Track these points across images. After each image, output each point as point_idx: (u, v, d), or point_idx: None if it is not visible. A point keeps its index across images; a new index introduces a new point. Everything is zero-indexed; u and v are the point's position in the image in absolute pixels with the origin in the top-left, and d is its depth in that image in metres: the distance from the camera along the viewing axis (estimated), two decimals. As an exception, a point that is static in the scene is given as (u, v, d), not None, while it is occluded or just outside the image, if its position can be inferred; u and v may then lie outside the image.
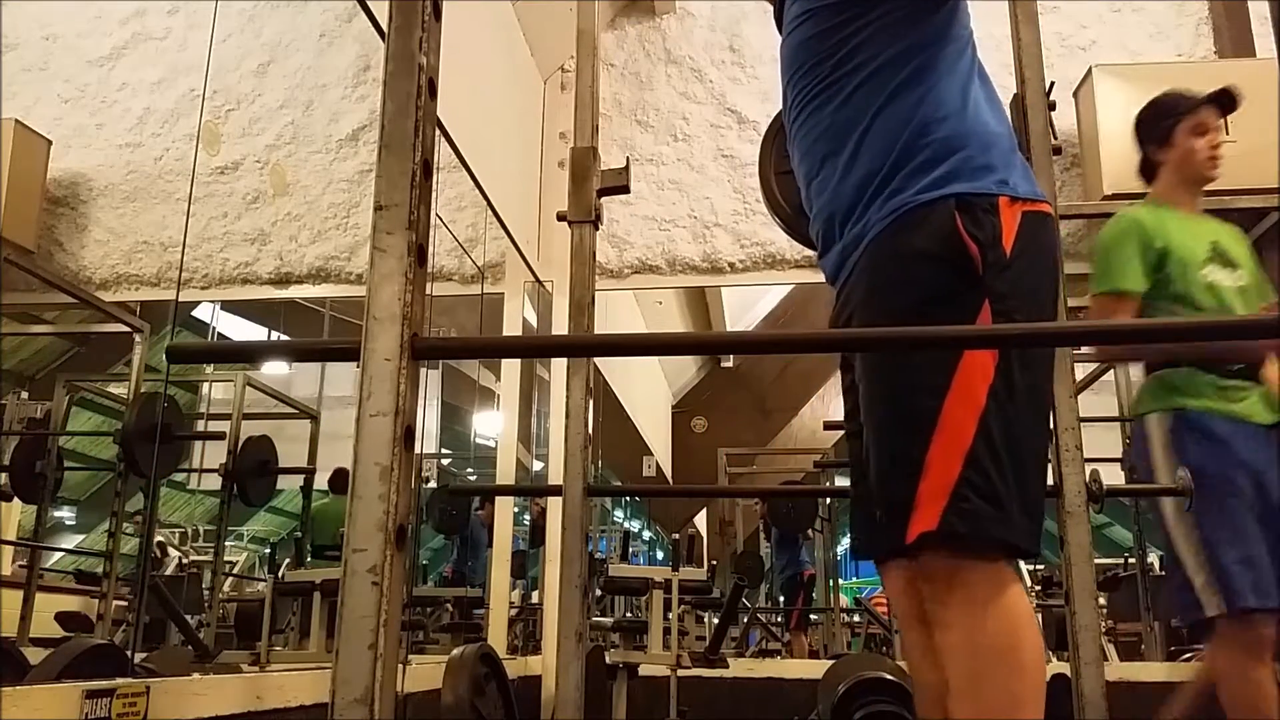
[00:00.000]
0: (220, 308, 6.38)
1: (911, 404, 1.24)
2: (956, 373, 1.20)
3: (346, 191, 4.46)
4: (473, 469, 9.56)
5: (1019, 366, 1.23)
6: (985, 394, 1.19)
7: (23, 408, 4.71)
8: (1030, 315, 1.24)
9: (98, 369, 5.95)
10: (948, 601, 1.23)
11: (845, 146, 1.36)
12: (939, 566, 1.23)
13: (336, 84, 4.51)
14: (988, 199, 1.27)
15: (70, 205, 4.48)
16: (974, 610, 1.20)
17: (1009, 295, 1.23)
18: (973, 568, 1.21)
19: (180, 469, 5.67)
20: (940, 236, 1.25)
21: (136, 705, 1.75)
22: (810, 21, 1.41)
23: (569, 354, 2.23)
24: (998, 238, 1.24)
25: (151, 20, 4.56)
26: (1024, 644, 1.20)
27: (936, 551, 1.22)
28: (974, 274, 1.23)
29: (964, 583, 1.21)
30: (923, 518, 1.20)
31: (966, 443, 1.19)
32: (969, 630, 1.20)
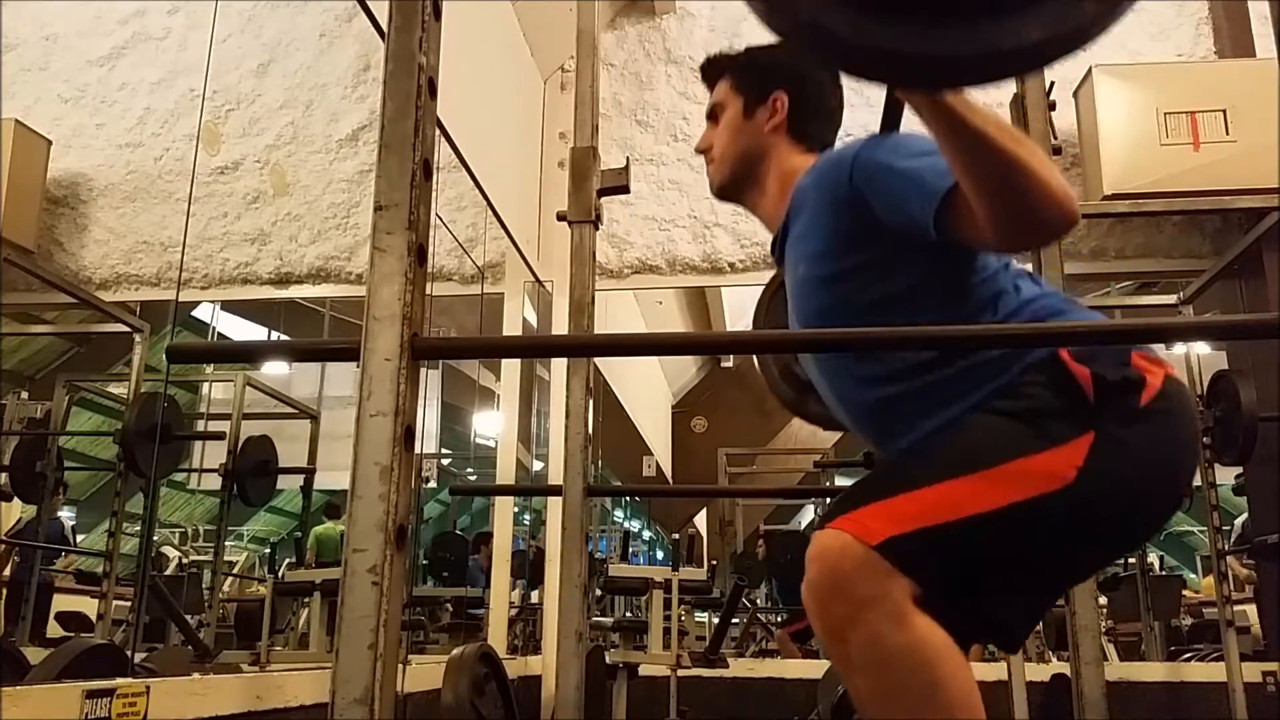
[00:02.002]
0: (220, 308, 6.39)
1: (967, 447, 1.12)
2: (1031, 455, 1.09)
3: (346, 191, 4.46)
4: (473, 469, 9.56)
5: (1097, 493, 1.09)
6: (1041, 492, 1.07)
7: (23, 408, 4.71)
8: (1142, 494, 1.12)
9: (98, 369, 5.95)
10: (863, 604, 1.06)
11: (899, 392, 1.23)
12: (866, 566, 1.06)
13: (336, 84, 4.51)
14: (1115, 353, 1.14)
15: (70, 205, 4.48)
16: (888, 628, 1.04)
17: (1125, 451, 1.09)
18: (899, 583, 1.05)
19: (180, 469, 5.67)
20: (1045, 371, 1.13)
21: (136, 705, 1.75)
22: (827, 288, 1.29)
23: (569, 354, 2.23)
24: (1131, 385, 1.12)
25: (151, 20, 4.56)
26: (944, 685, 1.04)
27: (875, 553, 1.06)
28: (1083, 398, 1.10)
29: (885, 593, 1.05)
30: (865, 523, 1.08)
31: (990, 505, 1.07)
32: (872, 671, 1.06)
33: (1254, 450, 3.56)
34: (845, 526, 1.09)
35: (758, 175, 1.47)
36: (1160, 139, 3.77)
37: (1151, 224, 4.13)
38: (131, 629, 4.10)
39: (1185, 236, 4.15)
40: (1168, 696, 3.67)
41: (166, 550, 7.02)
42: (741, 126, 1.47)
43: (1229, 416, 3.64)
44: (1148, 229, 4.15)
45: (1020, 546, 1.10)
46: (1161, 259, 4.17)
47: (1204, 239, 4.13)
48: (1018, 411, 1.12)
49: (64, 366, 5.81)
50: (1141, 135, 3.80)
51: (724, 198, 1.53)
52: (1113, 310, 5.05)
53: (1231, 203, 3.79)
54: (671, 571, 3.45)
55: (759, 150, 1.46)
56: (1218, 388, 3.75)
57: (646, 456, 8.10)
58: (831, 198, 1.28)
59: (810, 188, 1.34)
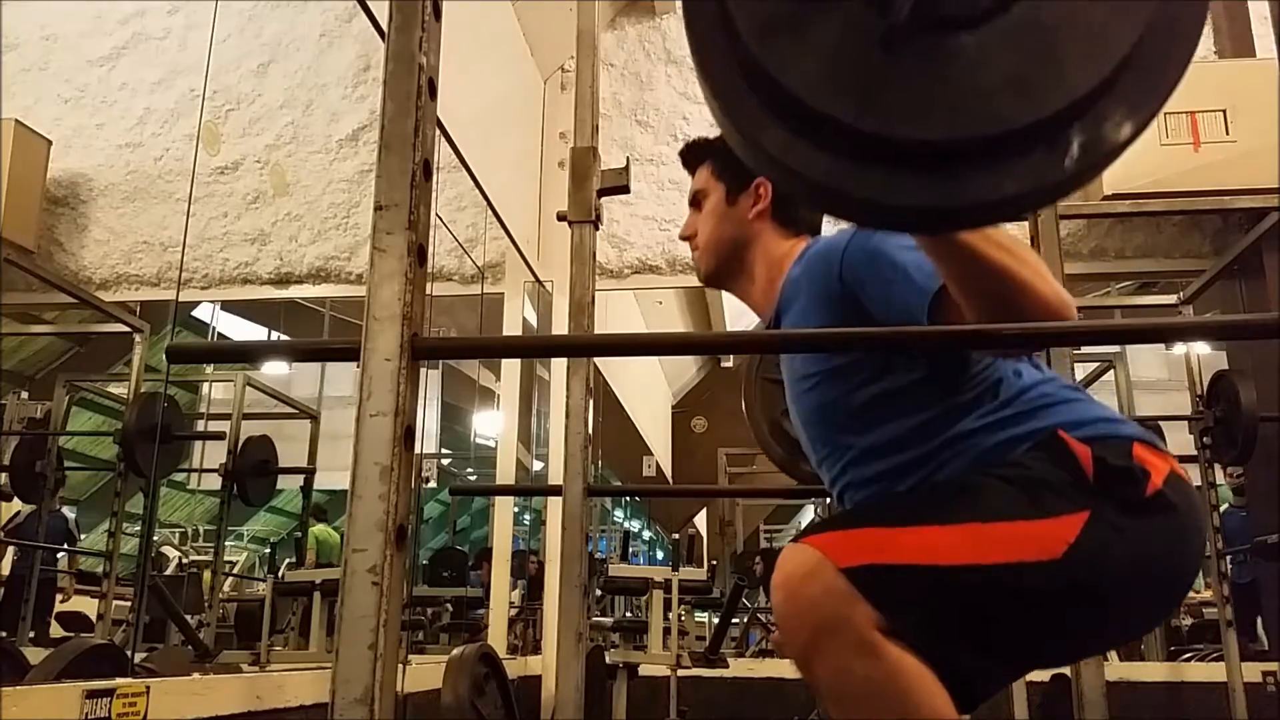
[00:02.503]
0: (220, 308, 6.39)
1: (959, 499, 1.09)
2: (1023, 520, 1.05)
3: (346, 191, 4.46)
4: (473, 469, 9.57)
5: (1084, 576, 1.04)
6: (1026, 559, 1.03)
7: (23, 408, 4.72)
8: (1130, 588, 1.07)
9: (98, 369, 5.96)
10: (830, 626, 1.03)
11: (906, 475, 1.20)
12: (834, 588, 1.02)
13: (336, 84, 4.51)
14: (1116, 438, 1.11)
15: (70, 205, 4.48)
16: (856, 652, 1.01)
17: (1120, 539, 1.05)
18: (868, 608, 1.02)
19: (180, 469, 5.68)
20: (1039, 446, 1.11)
21: (136, 705, 1.75)
22: (822, 386, 1.27)
23: (569, 354, 2.23)
24: (1134, 476, 1.08)
25: (151, 20, 4.56)
26: (916, 712, 1.00)
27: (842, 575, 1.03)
28: (1082, 476, 1.07)
29: (856, 615, 1.01)
30: (840, 545, 1.04)
31: (968, 560, 1.03)
32: (841, 701, 1.03)
33: (1254, 450, 3.56)
34: (817, 544, 1.06)
35: (745, 262, 1.44)
36: (1160, 139, 3.77)
37: (1151, 224, 4.13)
38: (131, 629, 4.10)
39: (1185, 236, 4.15)
40: (1168, 696, 3.67)
41: (166, 550, 7.03)
42: (725, 214, 1.45)
43: (1229, 416, 3.64)
44: (1148, 229, 4.15)
45: (994, 609, 1.05)
46: (1161, 259, 4.17)
47: (1204, 239, 4.13)
48: (1015, 478, 1.09)
49: (64, 366, 5.82)
50: (1141, 135, 3.80)
51: (711, 285, 1.51)
52: (1113, 310, 5.06)
53: (1231, 203, 3.79)
54: (671, 571, 3.45)
55: (744, 238, 1.43)
56: (1218, 388, 3.75)
57: (646, 456, 8.11)
58: (822, 294, 1.25)
59: (801, 280, 1.31)
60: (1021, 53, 0.69)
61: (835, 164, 0.70)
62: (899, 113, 0.69)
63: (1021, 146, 0.69)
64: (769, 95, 0.71)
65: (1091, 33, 0.70)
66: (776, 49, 0.71)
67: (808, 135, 0.70)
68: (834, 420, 1.27)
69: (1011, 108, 0.68)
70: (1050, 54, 0.69)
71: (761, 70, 0.71)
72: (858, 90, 0.69)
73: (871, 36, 0.69)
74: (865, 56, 0.69)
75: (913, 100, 0.69)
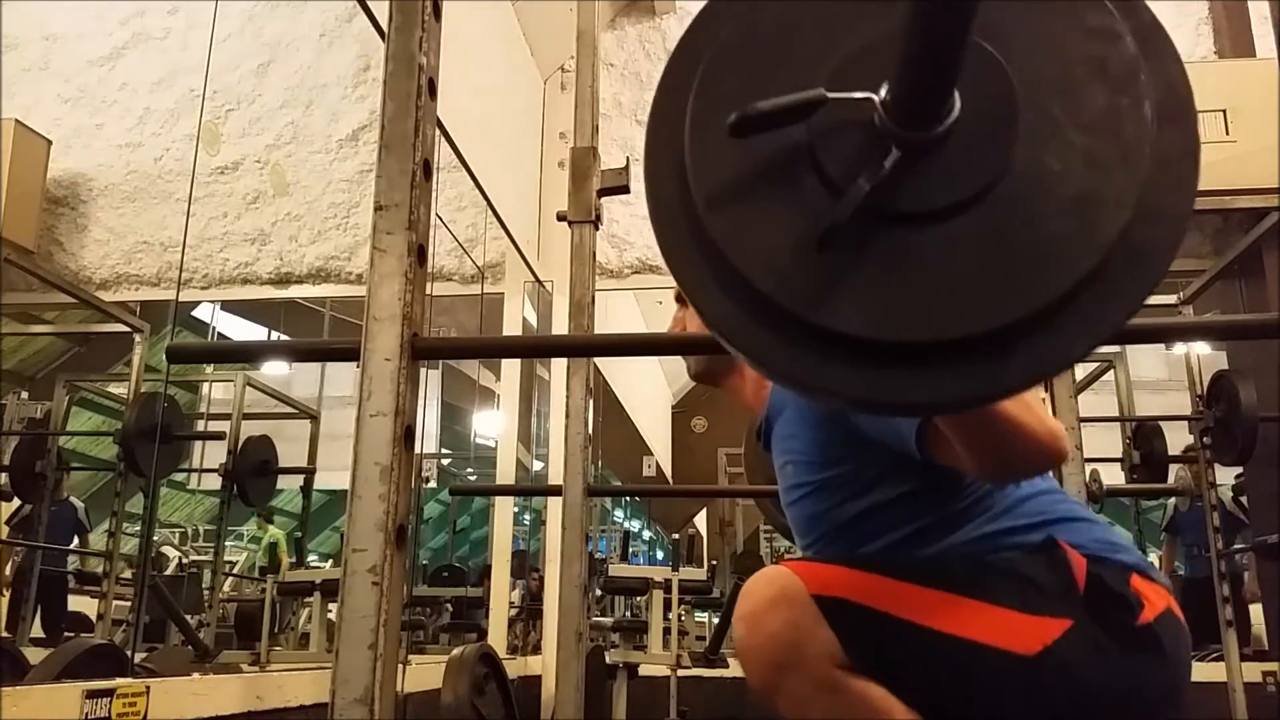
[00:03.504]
0: (220, 308, 6.39)
1: (948, 572, 1.07)
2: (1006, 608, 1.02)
3: (346, 191, 4.46)
4: (473, 469, 9.57)
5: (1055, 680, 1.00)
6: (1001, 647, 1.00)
7: (23, 408, 4.72)
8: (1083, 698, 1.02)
9: (98, 369, 5.95)
10: (770, 673, 1.01)
11: None
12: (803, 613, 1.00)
13: (336, 84, 4.51)
14: (1117, 566, 1.07)
15: (70, 205, 4.48)
16: (824, 683, 0.99)
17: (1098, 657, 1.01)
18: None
19: (180, 469, 5.68)
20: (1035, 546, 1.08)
21: (136, 705, 1.75)
22: (814, 497, 1.25)
23: (569, 354, 2.23)
24: (1127, 602, 1.04)
25: (151, 20, 4.56)
26: None
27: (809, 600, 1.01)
28: (1072, 585, 1.04)
29: (816, 644, 1.00)
30: (819, 574, 1.03)
31: (941, 628, 1.01)
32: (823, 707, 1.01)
33: (1254, 450, 3.56)
34: (794, 568, 1.04)
35: (733, 361, 1.40)
36: (1160, 139, 3.77)
37: (1151, 224, 4.13)
38: (131, 629, 4.10)
39: (1185, 236, 4.15)
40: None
41: (166, 550, 7.02)
42: None
43: (1229, 416, 3.64)
44: (1148, 229, 4.15)
45: (955, 684, 1.03)
46: (1161, 259, 4.17)
47: (1204, 239, 4.14)
48: (1006, 570, 1.07)
49: (64, 366, 5.82)
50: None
51: (702, 382, 1.49)
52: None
53: (1231, 203, 3.79)
54: (671, 571, 3.45)
55: None
56: (1218, 388, 3.76)
57: (646, 456, 8.11)
58: (811, 410, 1.24)
59: (788, 393, 1.28)
60: (975, 259, 0.66)
61: (770, 340, 0.68)
62: (836, 305, 0.67)
63: (965, 354, 0.66)
64: (713, 259, 0.70)
65: (1053, 246, 0.66)
66: (725, 218, 0.70)
67: (746, 307, 0.69)
68: (824, 530, 1.25)
69: (958, 316, 0.65)
70: (1007, 263, 0.66)
71: (707, 235, 0.70)
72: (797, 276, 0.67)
73: (822, 224, 0.67)
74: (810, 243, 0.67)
75: (852, 294, 0.67)
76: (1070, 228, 0.66)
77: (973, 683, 1.02)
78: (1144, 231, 0.68)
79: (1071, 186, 0.67)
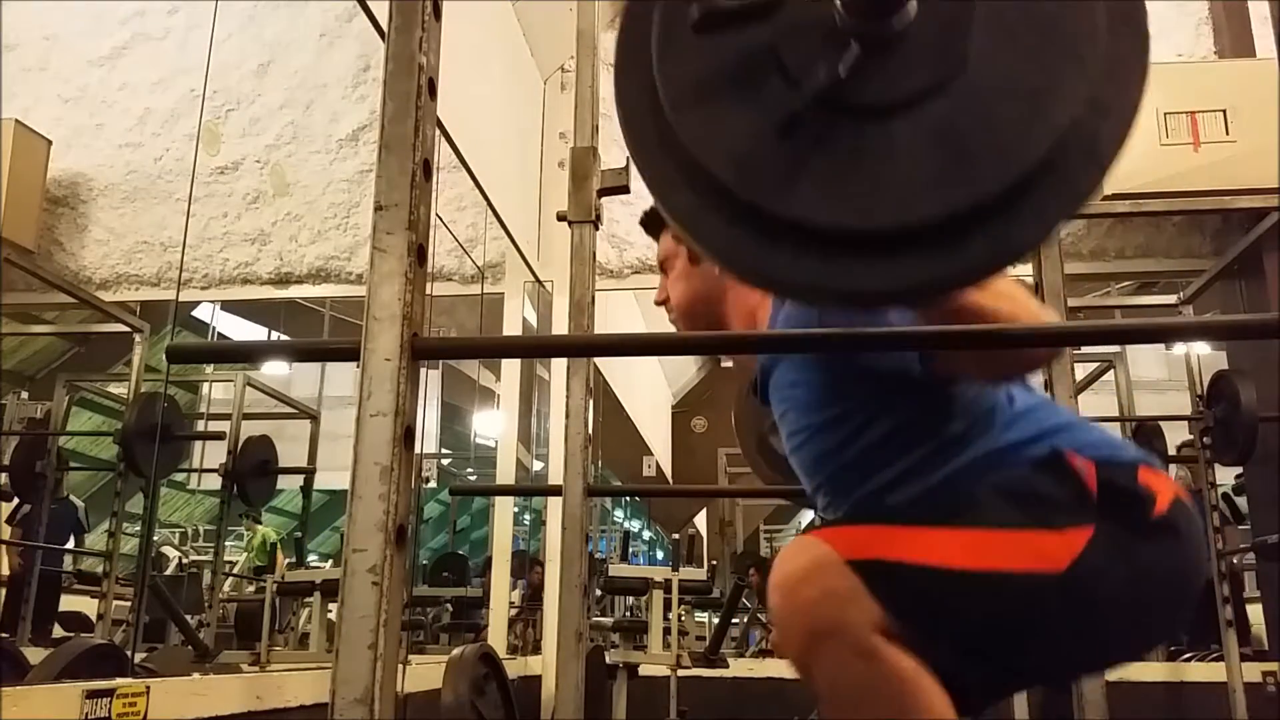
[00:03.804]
0: (220, 308, 6.39)
1: (966, 505, 1.08)
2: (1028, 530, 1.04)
3: (346, 191, 4.46)
4: (473, 469, 9.57)
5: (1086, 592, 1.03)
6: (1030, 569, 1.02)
7: (23, 408, 4.72)
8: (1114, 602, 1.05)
9: (98, 369, 5.96)
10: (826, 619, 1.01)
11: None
12: (834, 575, 1.01)
13: (336, 84, 4.51)
14: (1120, 464, 1.10)
15: (70, 205, 4.48)
16: (853, 652, 1.00)
17: (1124, 556, 1.04)
18: (868, 605, 1.00)
19: (180, 469, 5.68)
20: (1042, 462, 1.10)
21: (136, 705, 1.75)
22: (817, 438, 1.27)
23: (569, 354, 2.23)
24: (1139, 499, 1.07)
25: (151, 20, 4.56)
26: (915, 713, 0.99)
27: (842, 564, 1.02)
28: (1086, 494, 1.06)
29: (848, 613, 1.00)
30: (847, 538, 1.04)
31: (972, 565, 1.02)
32: (837, 704, 1.02)
33: (1254, 450, 3.56)
34: (824, 536, 1.05)
35: (720, 317, 1.44)
36: (1160, 139, 3.77)
37: (1151, 224, 4.13)
38: (131, 629, 4.10)
39: (1185, 236, 4.15)
40: (1168, 696, 3.67)
41: (166, 550, 7.02)
42: (691, 274, 1.45)
43: (1229, 416, 3.64)
44: (1148, 229, 4.15)
45: (994, 616, 1.04)
46: (1161, 259, 4.17)
47: (1204, 239, 4.13)
48: (1019, 492, 1.08)
49: (64, 366, 5.82)
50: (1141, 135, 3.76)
51: None
52: (1113, 310, 5.06)
53: (1231, 203, 3.79)
54: (671, 571, 3.45)
55: (714, 294, 1.44)
56: (1218, 388, 3.76)
57: (646, 456, 8.10)
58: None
59: None
60: (932, 149, 0.69)
61: (734, 234, 0.71)
62: (799, 196, 0.69)
63: (922, 242, 0.68)
64: (680, 160, 0.73)
65: (1006, 137, 0.68)
66: (691, 118, 0.73)
67: (713, 203, 0.71)
68: (830, 471, 1.26)
69: (917, 203, 0.67)
70: (962, 153, 0.68)
71: (674, 137, 0.73)
72: (761, 169, 0.70)
73: (783, 117, 0.70)
74: (772, 137, 0.70)
75: (814, 185, 0.69)
76: (1022, 120, 0.69)
77: (1010, 611, 1.04)
78: (1094, 125, 0.70)
79: (1024, 81, 0.70)
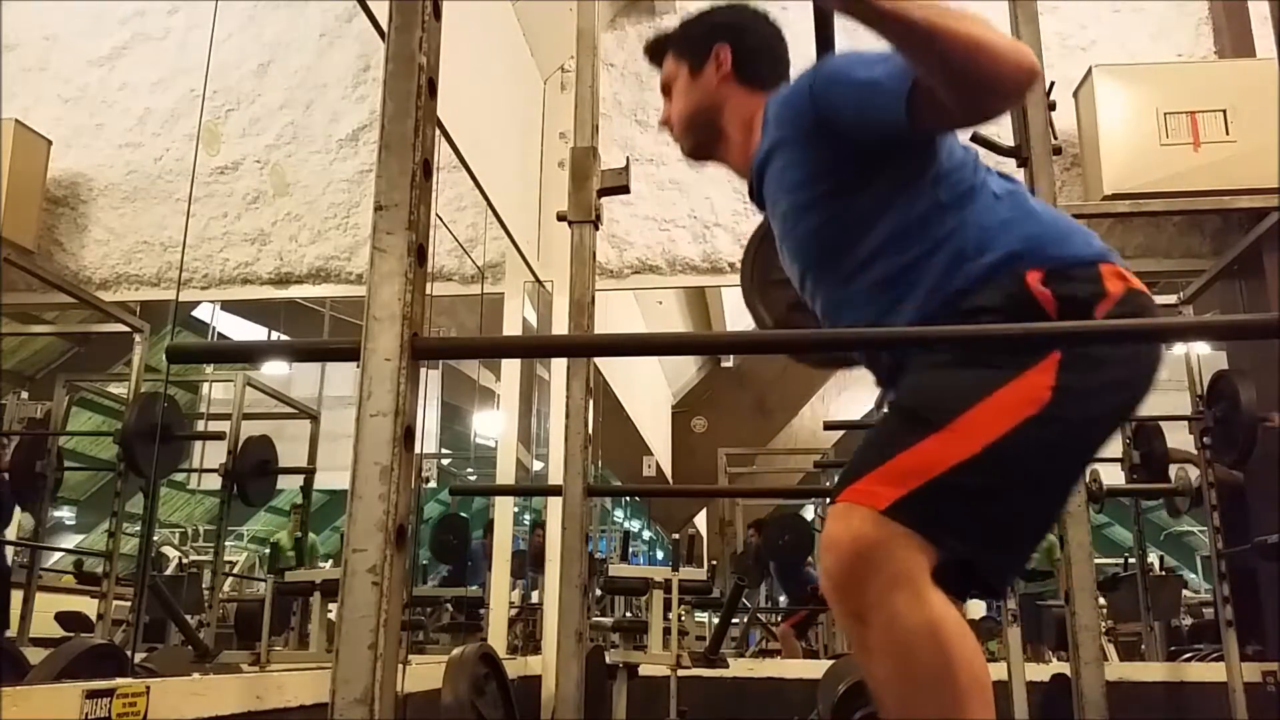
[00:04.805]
0: (220, 308, 6.38)
1: (936, 400, 1.15)
2: (1000, 388, 1.11)
3: (346, 191, 4.46)
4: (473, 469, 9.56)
5: (1076, 411, 1.12)
6: (1022, 419, 1.10)
7: (23, 408, 4.71)
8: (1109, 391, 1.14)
9: (98, 369, 5.95)
10: (866, 583, 1.08)
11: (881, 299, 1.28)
12: (867, 535, 1.08)
13: (336, 84, 4.51)
14: (1082, 264, 1.19)
15: (70, 205, 4.48)
16: (893, 614, 1.06)
17: (1093, 362, 1.12)
18: (905, 554, 1.07)
19: (180, 469, 5.67)
20: (1002, 289, 1.18)
21: (136, 705, 1.75)
22: (809, 215, 1.34)
23: (569, 354, 2.23)
24: (1091, 300, 1.16)
25: (151, 20, 4.56)
26: (957, 665, 1.04)
27: (875, 522, 1.09)
28: (1046, 316, 1.15)
29: (885, 570, 1.07)
30: (877, 490, 1.10)
31: (972, 450, 1.10)
32: (891, 652, 1.07)
33: (1254, 450, 3.56)
34: (854, 498, 1.11)
35: (719, 127, 1.51)
36: (1160, 139, 3.77)
37: (1151, 224, 4.13)
38: (131, 629, 4.10)
39: (1185, 236, 4.15)
40: (1168, 696, 3.67)
41: (166, 550, 7.02)
42: (691, 86, 1.52)
43: (1229, 416, 3.64)
44: (1148, 229, 4.15)
45: (1022, 472, 1.13)
46: (1161, 259, 4.17)
47: (1204, 239, 4.13)
48: (977, 357, 1.16)
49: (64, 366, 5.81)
50: (1141, 135, 3.81)
51: (696, 158, 1.58)
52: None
53: (1231, 203, 3.79)
54: (671, 571, 3.45)
55: (714, 103, 1.51)
56: (1218, 388, 3.76)
57: (646, 456, 8.10)
58: (799, 129, 1.32)
59: (774, 125, 1.38)
60: None
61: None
62: None
63: None
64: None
65: None
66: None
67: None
68: (814, 255, 1.36)
69: None
70: None
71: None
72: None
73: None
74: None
75: None
76: None
77: (1031, 459, 1.12)
78: None
79: None
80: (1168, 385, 6.93)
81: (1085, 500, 1.77)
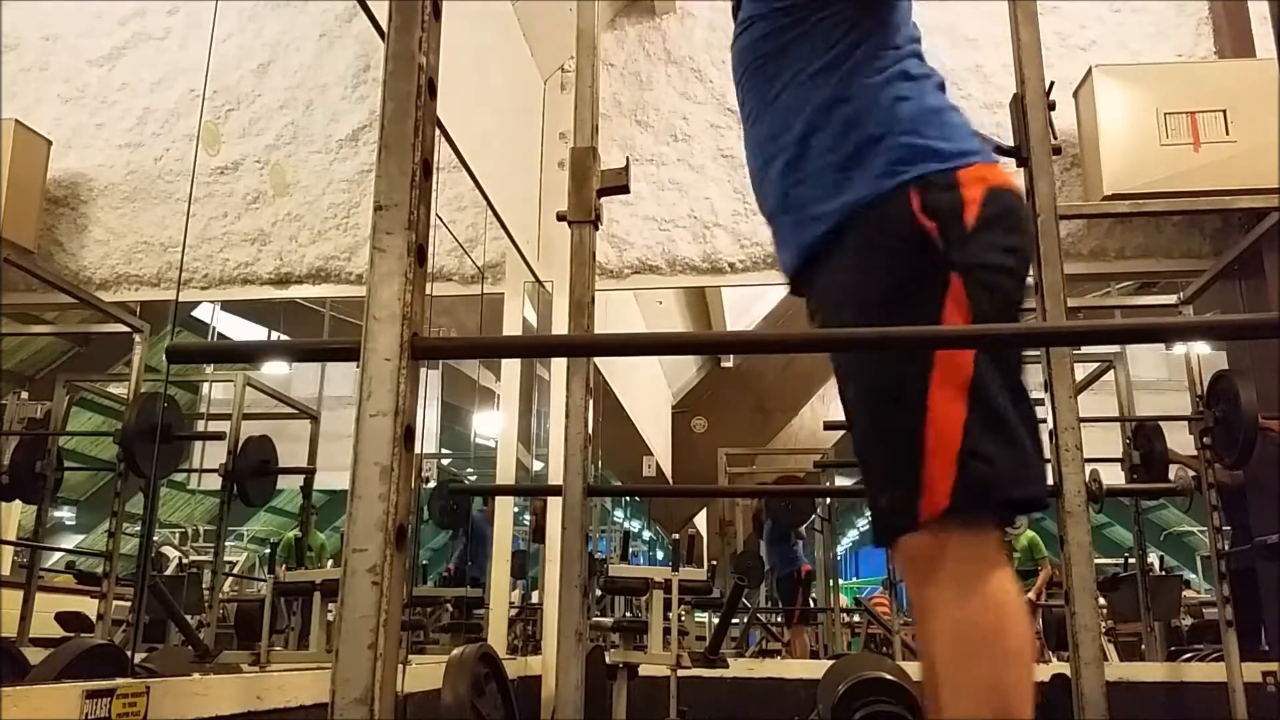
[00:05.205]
0: (220, 308, 6.38)
1: (899, 386, 1.22)
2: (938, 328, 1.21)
3: (346, 191, 4.46)
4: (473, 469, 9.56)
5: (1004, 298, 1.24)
6: (970, 361, 1.19)
7: (23, 408, 4.71)
8: (1003, 280, 1.25)
9: (98, 369, 5.94)
10: (932, 581, 1.20)
11: (790, 147, 1.38)
12: (924, 545, 1.21)
13: (336, 84, 4.51)
14: (944, 175, 1.27)
15: (70, 205, 4.48)
16: (958, 592, 1.17)
17: (978, 266, 1.23)
18: (961, 546, 1.18)
19: (180, 469, 5.67)
20: (897, 226, 1.26)
21: (136, 705, 1.75)
22: (756, 25, 1.45)
23: (569, 354, 2.23)
24: (958, 212, 1.25)
25: (151, 20, 4.56)
26: (1010, 629, 1.16)
27: (927, 530, 1.19)
28: (937, 251, 1.23)
29: (950, 562, 1.18)
30: (934, 498, 1.18)
31: (961, 415, 1.18)
32: (951, 613, 1.18)
33: (1254, 450, 3.56)
34: (923, 518, 1.18)
35: None
36: (1160, 139, 3.77)
37: (1151, 224, 4.13)
38: (131, 629, 4.10)
39: (1185, 236, 4.15)
40: (1168, 696, 3.67)
41: (166, 550, 7.02)
42: None
43: (1229, 416, 3.64)
44: (1148, 229, 4.15)
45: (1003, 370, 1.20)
46: (1161, 259, 4.17)
47: (1204, 239, 4.13)
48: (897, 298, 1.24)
49: (64, 366, 5.80)
50: (1141, 135, 3.81)
51: None
52: (1113, 310, 5.06)
53: (1231, 203, 3.79)
54: (671, 571, 3.45)
55: None
56: (1218, 388, 3.75)
57: (646, 456, 8.10)
58: None
59: None
60: None
61: None
62: None
63: None
64: None
65: None
66: None
67: None
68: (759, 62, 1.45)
69: None
70: None
71: None
72: None
73: None
74: None
75: None
76: None
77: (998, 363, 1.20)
78: None
79: None
80: (1168, 385, 6.96)
81: (1085, 500, 1.77)
